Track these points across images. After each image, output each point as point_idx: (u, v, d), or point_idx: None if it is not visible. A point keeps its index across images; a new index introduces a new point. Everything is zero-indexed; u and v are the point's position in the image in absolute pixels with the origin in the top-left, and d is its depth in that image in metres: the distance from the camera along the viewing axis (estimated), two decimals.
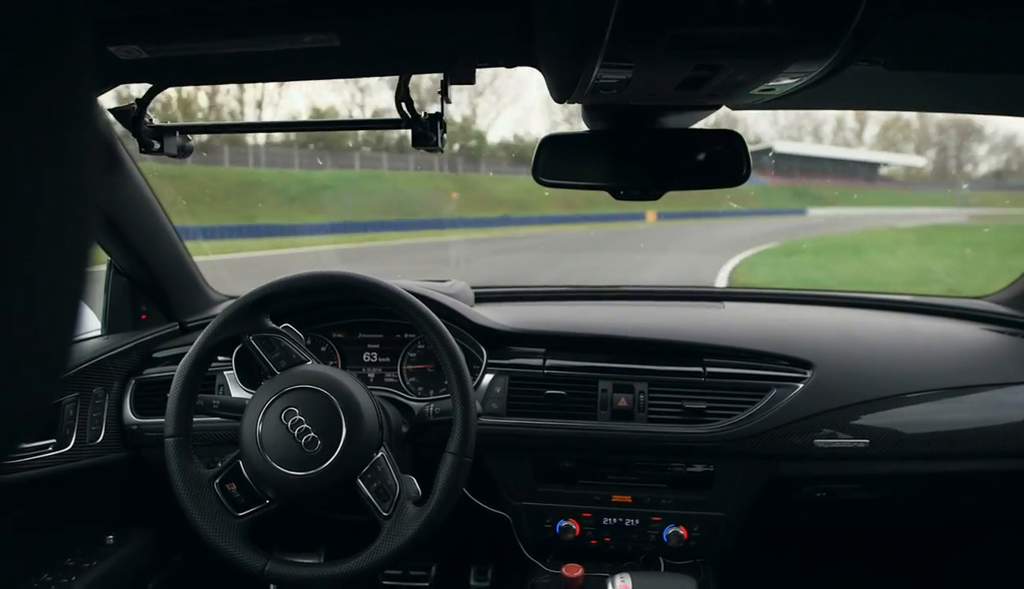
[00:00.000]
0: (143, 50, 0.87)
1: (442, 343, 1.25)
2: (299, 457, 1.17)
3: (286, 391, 1.21)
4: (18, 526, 1.40)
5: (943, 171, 57.16)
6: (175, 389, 1.25)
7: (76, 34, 0.26)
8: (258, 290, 1.29)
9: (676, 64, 0.75)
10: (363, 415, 1.21)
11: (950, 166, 57.28)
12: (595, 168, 1.15)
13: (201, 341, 1.27)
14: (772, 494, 1.48)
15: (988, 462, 1.44)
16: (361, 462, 1.19)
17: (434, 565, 1.91)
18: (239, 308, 1.28)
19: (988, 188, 50.05)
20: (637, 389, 1.47)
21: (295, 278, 1.30)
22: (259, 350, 1.28)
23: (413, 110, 1.10)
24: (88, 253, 0.28)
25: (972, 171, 56.53)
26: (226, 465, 1.23)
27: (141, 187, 1.52)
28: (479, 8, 0.79)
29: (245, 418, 1.22)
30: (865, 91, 1.13)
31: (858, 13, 0.60)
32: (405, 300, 1.28)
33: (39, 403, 0.28)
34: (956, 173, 57.00)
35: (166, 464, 1.22)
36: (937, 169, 57.22)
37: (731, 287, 1.84)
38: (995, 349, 1.59)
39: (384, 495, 1.19)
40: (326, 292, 1.33)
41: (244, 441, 1.21)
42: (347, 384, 1.24)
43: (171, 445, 1.23)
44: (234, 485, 1.22)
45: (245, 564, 1.17)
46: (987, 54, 0.89)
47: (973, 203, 38.04)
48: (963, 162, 57.67)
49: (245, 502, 1.21)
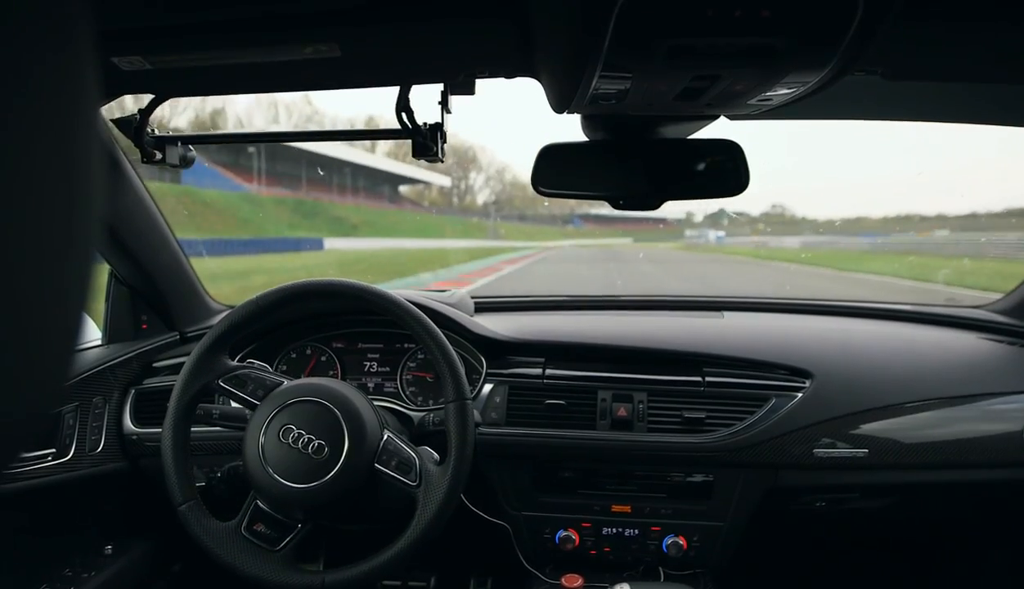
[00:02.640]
0: (146, 61, 0.87)
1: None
2: (311, 467, 1.17)
3: (274, 414, 1.21)
4: (17, 535, 1.39)
5: (451, 197, 59.85)
6: (168, 458, 1.23)
7: (80, 45, 0.26)
8: (210, 335, 1.29)
9: (674, 74, 0.75)
10: (358, 409, 1.22)
11: (455, 193, 61.28)
12: (594, 178, 1.15)
13: (172, 405, 1.25)
14: (772, 504, 1.47)
15: (988, 472, 1.44)
16: (372, 447, 1.20)
17: (433, 576, 1.90)
18: (194, 363, 1.27)
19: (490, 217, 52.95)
20: (636, 399, 1.47)
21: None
22: (232, 390, 1.27)
23: (413, 120, 1.11)
24: (92, 263, 0.29)
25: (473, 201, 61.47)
26: (245, 508, 1.22)
27: (142, 197, 1.52)
28: (479, 19, 0.79)
29: (247, 457, 1.21)
30: (864, 101, 1.13)
31: (855, 23, 0.60)
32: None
33: (40, 413, 0.28)
34: (461, 201, 60.82)
35: (186, 529, 1.20)
36: (447, 195, 59.21)
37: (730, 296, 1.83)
38: (994, 358, 1.59)
39: (406, 468, 1.21)
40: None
41: (254, 477, 1.19)
42: (334, 386, 1.25)
43: (186, 512, 1.21)
44: (261, 524, 1.21)
45: (304, 585, 1.16)
46: (985, 64, 0.89)
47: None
48: (464, 191, 61.62)
49: (278, 535, 1.20)
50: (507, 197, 66.61)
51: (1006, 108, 1.22)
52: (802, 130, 16.82)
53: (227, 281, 8.39)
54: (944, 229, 32.70)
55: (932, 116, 1.34)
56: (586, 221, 64.92)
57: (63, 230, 0.26)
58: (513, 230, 51.89)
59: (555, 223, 66.46)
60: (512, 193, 70.37)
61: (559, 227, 63.97)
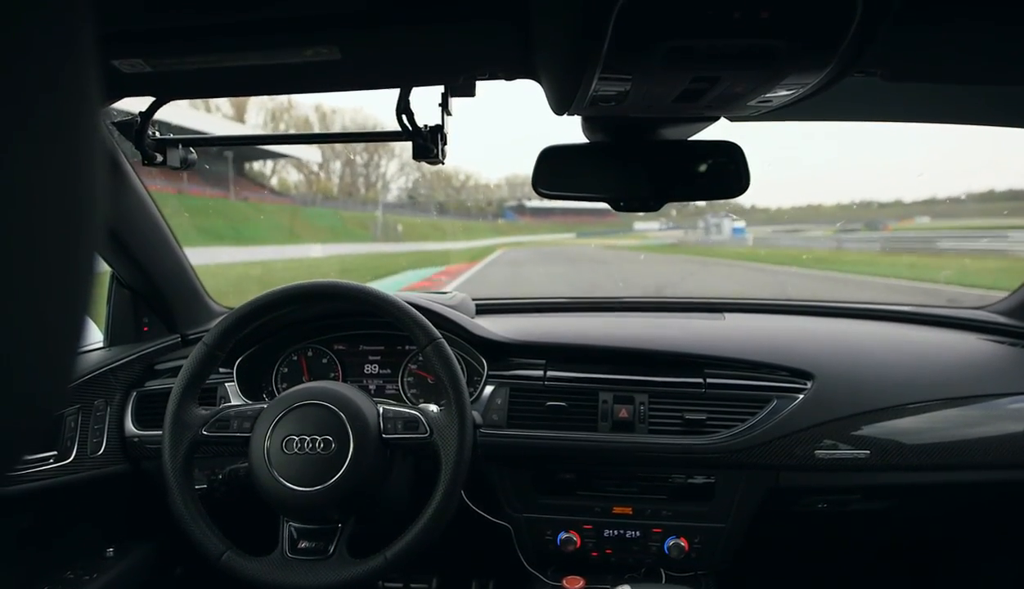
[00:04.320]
0: (146, 64, 0.88)
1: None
2: (325, 465, 1.18)
3: (269, 433, 1.21)
4: (19, 538, 1.39)
5: (354, 186, 50.92)
6: (187, 520, 1.21)
7: (82, 47, 0.26)
8: (175, 391, 1.28)
9: (674, 76, 0.75)
10: (345, 395, 1.24)
11: (362, 183, 50.93)
12: (594, 180, 1.15)
13: (170, 472, 1.23)
14: (773, 505, 1.47)
15: (989, 473, 1.44)
16: (373, 422, 1.22)
17: (435, 578, 1.90)
18: (171, 424, 1.25)
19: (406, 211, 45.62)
20: (638, 400, 1.47)
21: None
22: (219, 435, 1.27)
23: (414, 122, 1.11)
24: (93, 266, 0.29)
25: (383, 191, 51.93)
26: (281, 535, 1.22)
27: (143, 199, 1.53)
28: (479, 22, 0.79)
29: (263, 486, 1.20)
30: (864, 102, 1.13)
31: (854, 25, 0.60)
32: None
33: (43, 416, 0.28)
34: (368, 191, 50.62)
35: (232, 576, 1.18)
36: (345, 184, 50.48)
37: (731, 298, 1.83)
38: (995, 359, 1.59)
39: (412, 425, 1.23)
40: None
41: (277, 498, 1.19)
42: (315, 386, 1.27)
43: (227, 562, 1.19)
44: (303, 542, 1.21)
45: (370, 572, 1.16)
46: (985, 65, 0.89)
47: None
48: (375, 180, 51.75)
49: (324, 544, 1.20)
50: (430, 187, 56.99)
51: (1006, 109, 1.22)
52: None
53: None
54: (924, 216, 32.18)
55: (931, 117, 1.34)
56: (520, 214, 58.04)
57: (65, 232, 0.26)
58: (423, 227, 42.47)
59: (484, 217, 58.28)
60: (435, 184, 62.34)
61: (489, 222, 55.72)
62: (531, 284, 15.40)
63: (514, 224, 55.18)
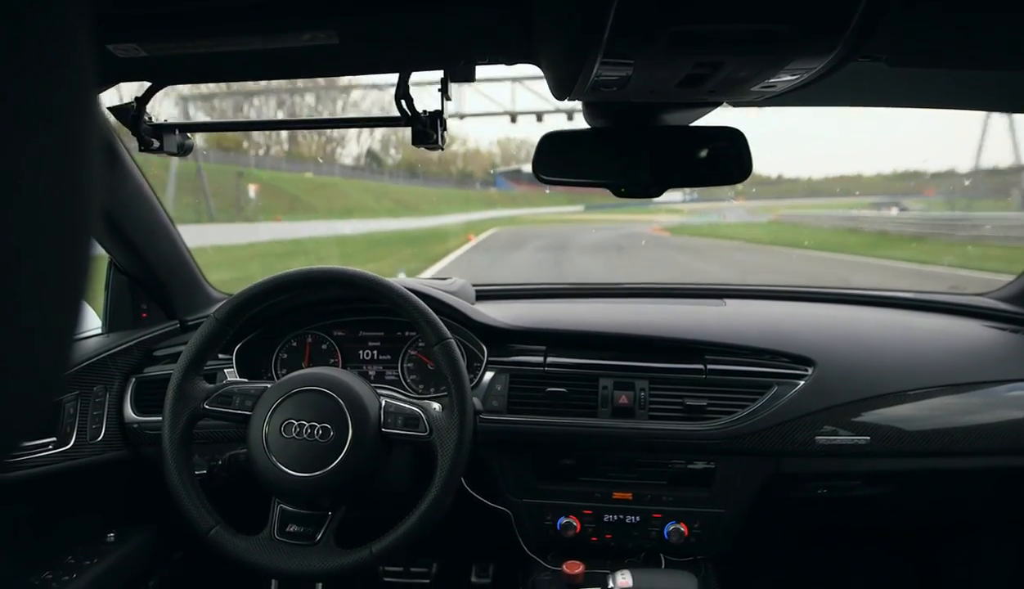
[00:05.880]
0: (141, 49, 0.87)
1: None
2: (321, 453, 1.18)
3: (270, 415, 1.22)
4: (19, 524, 1.40)
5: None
6: (180, 493, 1.22)
7: (77, 31, 0.25)
8: (180, 363, 1.28)
9: (676, 61, 0.74)
10: (349, 384, 1.24)
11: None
12: (596, 165, 1.14)
13: (167, 444, 1.24)
14: (773, 491, 1.48)
15: (989, 459, 1.44)
16: (374, 415, 1.22)
17: (435, 562, 1.91)
18: (173, 397, 1.26)
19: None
20: (638, 386, 1.47)
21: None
22: (220, 410, 1.27)
23: (413, 107, 1.10)
24: (90, 251, 0.29)
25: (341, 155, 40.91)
26: (271, 516, 1.23)
27: (141, 185, 1.52)
28: (479, 6, 0.78)
29: (258, 466, 1.21)
30: (868, 88, 1.12)
31: (859, 9, 0.59)
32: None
33: (41, 402, 0.28)
34: (328, 154, 37.79)
35: (218, 553, 1.20)
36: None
37: (732, 284, 1.83)
38: (996, 346, 1.59)
39: (413, 422, 1.23)
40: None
41: (269, 480, 1.20)
42: (318, 372, 1.27)
43: (215, 537, 1.20)
44: (292, 525, 1.21)
45: (354, 564, 1.17)
46: (991, 50, 0.88)
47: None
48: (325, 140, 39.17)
49: (313, 529, 1.20)
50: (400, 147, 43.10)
51: (1012, 95, 1.21)
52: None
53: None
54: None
55: (936, 103, 1.32)
56: (516, 182, 44.36)
57: (62, 218, 0.26)
58: (392, 194, 34.35)
59: (469, 184, 47.50)
60: (406, 147, 47.26)
61: (478, 190, 45.95)
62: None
63: (508, 194, 45.01)
